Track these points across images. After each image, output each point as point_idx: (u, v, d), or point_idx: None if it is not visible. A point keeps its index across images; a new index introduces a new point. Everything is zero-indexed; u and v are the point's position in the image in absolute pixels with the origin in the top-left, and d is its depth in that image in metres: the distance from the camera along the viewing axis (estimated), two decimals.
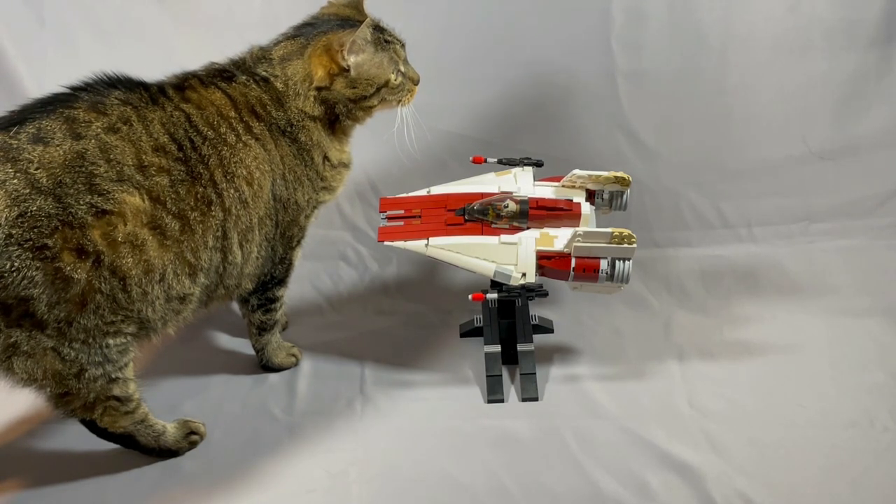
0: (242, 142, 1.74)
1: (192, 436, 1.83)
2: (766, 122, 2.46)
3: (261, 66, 1.82)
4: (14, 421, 1.92)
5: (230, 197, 1.72)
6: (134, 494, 1.73)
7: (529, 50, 2.41)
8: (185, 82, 1.77)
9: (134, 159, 1.62)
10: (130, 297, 1.62)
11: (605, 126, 2.46)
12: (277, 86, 1.80)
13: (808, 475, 1.71)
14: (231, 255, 1.75)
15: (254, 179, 1.75)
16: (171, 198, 1.64)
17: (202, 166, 1.69)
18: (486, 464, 1.76)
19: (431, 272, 2.37)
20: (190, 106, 1.72)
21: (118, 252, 1.58)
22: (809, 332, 2.08)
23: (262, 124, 1.78)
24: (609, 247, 1.78)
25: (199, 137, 1.70)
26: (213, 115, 1.73)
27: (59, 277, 1.54)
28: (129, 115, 1.65)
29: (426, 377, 2.01)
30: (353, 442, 1.83)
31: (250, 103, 1.78)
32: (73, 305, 1.57)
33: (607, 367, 2.00)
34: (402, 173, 2.45)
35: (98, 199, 1.57)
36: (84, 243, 1.55)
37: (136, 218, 1.60)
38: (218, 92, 1.77)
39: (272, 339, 2.00)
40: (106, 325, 1.62)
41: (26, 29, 2.37)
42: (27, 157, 1.54)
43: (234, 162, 1.73)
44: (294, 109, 1.81)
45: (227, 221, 1.72)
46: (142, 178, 1.61)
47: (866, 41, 2.40)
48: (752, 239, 2.42)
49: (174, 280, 1.66)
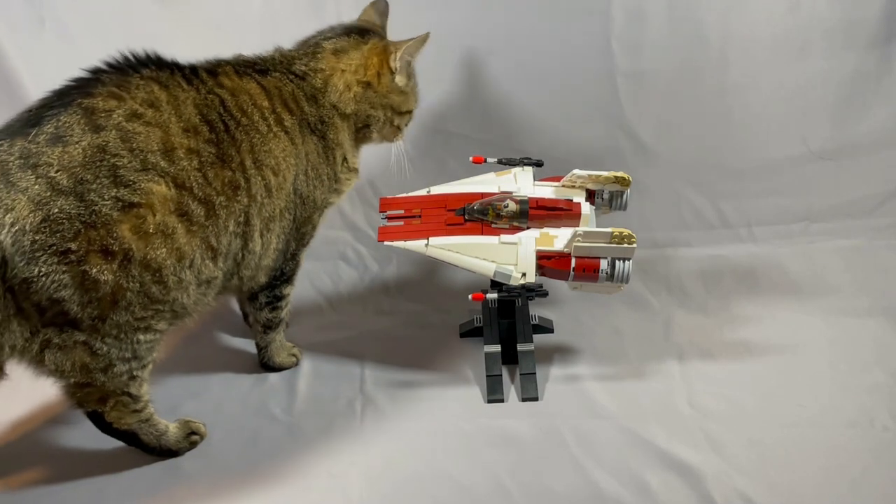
0: (273, 132, 1.76)
1: (192, 436, 1.83)
2: (766, 122, 2.46)
3: (298, 63, 1.84)
4: (14, 421, 1.92)
5: (257, 184, 1.73)
6: (134, 494, 1.73)
7: (529, 50, 2.41)
8: (217, 68, 1.78)
9: (160, 144, 1.61)
10: (167, 286, 1.62)
11: (605, 126, 2.46)
12: (315, 82, 1.84)
13: (808, 475, 1.71)
14: (252, 243, 1.76)
15: (280, 171, 1.77)
16: (197, 182, 1.64)
17: (233, 149, 1.70)
18: (486, 464, 1.76)
19: (431, 272, 2.37)
20: (224, 91, 1.73)
21: (151, 244, 1.58)
22: (809, 332, 2.08)
23: (293, 118, 1.80)
24: (609, 247, 1.78)
25: (232, 121, 1.71)
26: (247, 103, 1.74)
27: (86, 280, 1.54)
28: (157, 95, 1.64)
29: (426, 377, 2.01)
30: (352, 442, 1.83)
31: (284, 97, 1.80)
32: (105, 304, 1.58)
33: (607, 367, 2.00)
34: (402, 173, 2.45)
35: (124, 192, 1.56)
36: (109, 243, 1.55)
37: (164, 206, 1.59)
38: (252, 82, 1.78)
39: (276, 338, 2.01)
40: (137, 320, 1.62)
41: (26, 29, 2.36)
42: (47, 160, 1.53)
43: (263, 150, 1.74)
44: (327, 105, 1.85)
45: (251, 208, 1.72)
46: (167, 164, 1.60)
47: (866, 41, 2.40)
48: (752, 239, 2.43)
49: (202, 265, 1.67)
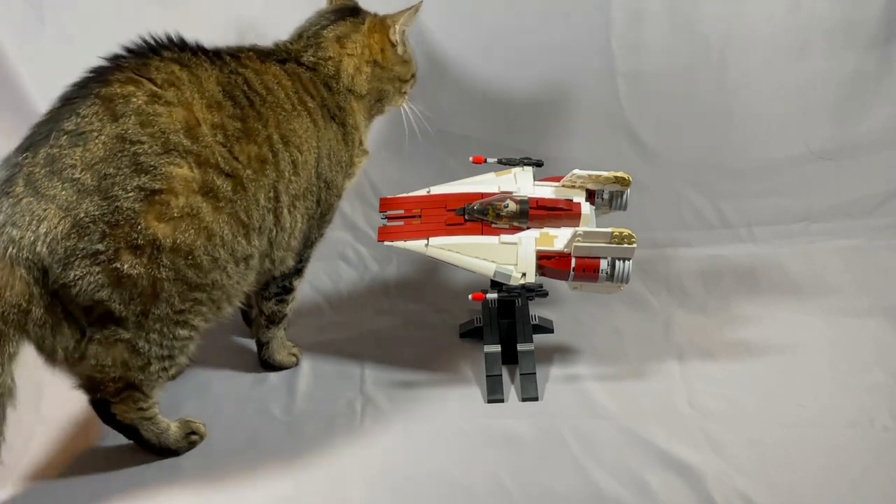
0: (297, 111, 1.78)
1: (191, 436, 1.83)
2: (765, 122, 2.46)
3: (306, 55, 1.86)
4: (12, 420, 1.92)
5: (284, 160, 1.74)
6: (134, 494, 1.73)
7: (529, 50, 2.41)
8: (240, 53, 1.80)
9: (182, 122, 1.60)
10: (202, 268, 1.62)
11: (605, 126, 2.46)
12: (328, 71, 1.86)
13: (808, 475, 1.71)
14: (283, 220, 1.76)
15: (303, 150, 1.78)
16: (223, 157, 1.64)
17: (259, 124, 1.71)
18: (486, 464, 1.76)
19: (431, 272, 2.37)
20: (248, 71, 1.75)
21: (178, 228, 1.58)
22: (809, 332, 2.08)
23: (314, 102, 1.83)
24: (609, 247, 1.78)
25: (257, 97, 1.73)
26: (272, 82, 1.77)
27: (121, 277, 1.55)
28: (178, 75, 1.65)
29: (426, 377, 2.01)
30: (352, 442, 1.83)
31: (304, 82, 1.83)
32: (146, 297, 1.59)
33: (607, 367, 2.00)
34: (402, 173, 2.45)
35: (145, 180, 1.55)
36: (134, 238, 1.54)
37: (188, 188, 1.59)
38: (275, 65, 1.81)
39: (278, 334, 2.01)
40: (177, 313, 1.63)
41: (26, 29, 2.36)
42: (70, 162, 1.53)
43: (289, 128, 1.75)
44: (342, 91, 1.87)
45: (279, 183, 1.73)
46: (190, 142, 1.60)
47: (866, 41, 2.40)
48: (752, 239, 2.43)
49: (234, 241, 1.67)
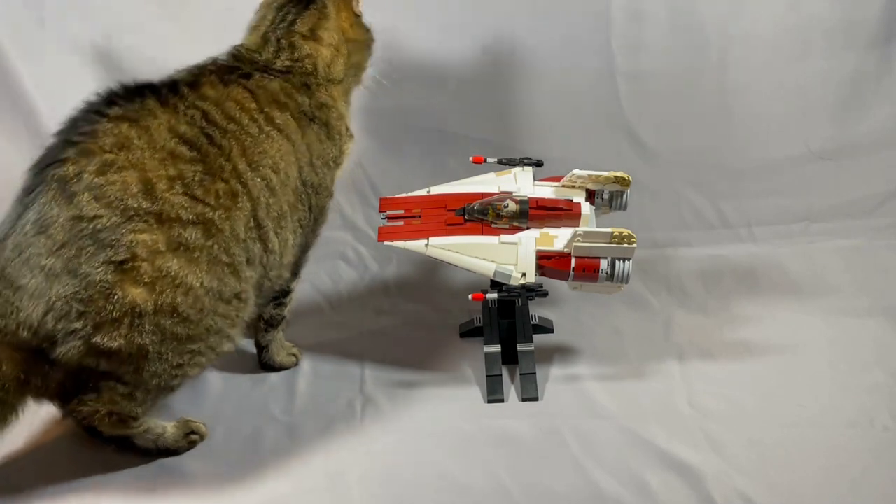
0: (265, 132, 1.72)
1: (191, 436, 1.82)
2: (765, 122, 2.46)
3: (280, 59, 1.81)
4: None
5: (257, 186, 1.70)
6: (133, 494, 1.72)
7: (529, 49, 2.41)
8: (200, 78, 1.74)
9: (138, 184, 1.56)
10: (190, 321, 1.61)
11: (605, 126, 2.46)
12: (305, 69, 1.81)
13: (808, 475, 1.71)
14: (270, 244, 1.73)
15: (280, 168, 1.73)
16: (185, 207, 1.59)
17: (223, 159, 1.66)
18: (487, 464, 1.76)
19: (431, 272, 2.37)
20: (207, 102, 1.70)
21: (155, 290, 1.56)
22: (809, 332, 2.08)
23: (285, 114, 1.77)
24: (609, 247, 1.78)
25: (217, 131, 1.67)
26: (234, 108, 1.71)
27: (103, 348, 1.56)
28: (127, 134, 1.60)
29: (426, 377, 2.01)
30: (352, 442, 1.83)
31: (272, 96, 1.76)
32: (138, 360, 1.59)
33: (607, 367, 2.00)
34: (402, 173, 2.45)
35: (110, 253, 1.53)
36: (111, 310, 1.54)
37: (153, 251, 1.56)
38: (238, 87, 1.74)
39: (277, 337, 2.00)
40: (174, 367, 1.64)
41: (26, 29, 2.37)
42: (36, 251, 1.53)
43: (258, 152, 1.70)
44: (322, 83, 1.83)
45: (257, 210, 1.70)
46: (149, 203, 1.56)
47: (866, 41, 2.41)
48: (752, 239, 2.43)
49: (220, 285, 1.64)
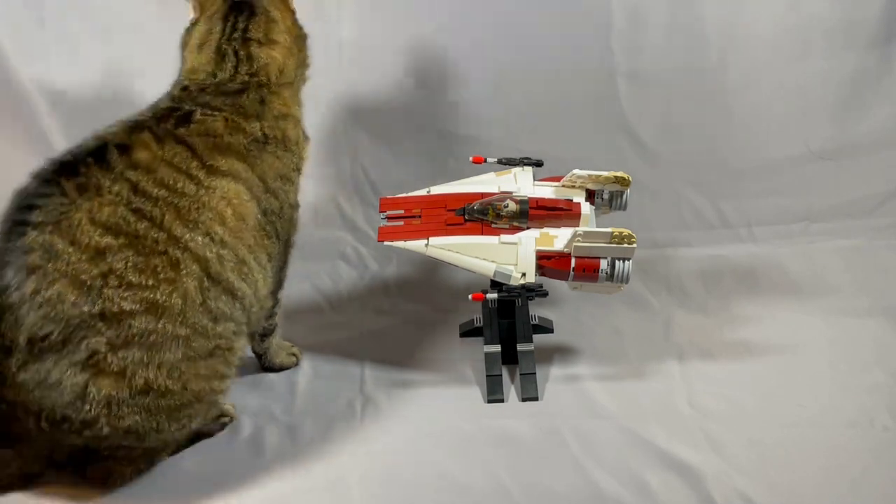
0: (205, 186, 1.62)
1: (222, 418, 1.83)
2: (766, 122, 2.46)
3: (240, 74, 1.73)
4: None
5: (200, 245, 1.60)
6: (132, 494, 1.72)
7: (529, 50, 2.41)
8: (133, 136, 1.63)
9: (73, 292, 1.52)
10: (173, 392, 1.61)
11: (605, 126, 2.46)
12: (261, 81, 1.74)
13: (808, 475, 1.71)
14: (238, 292, 1.67)
15: (226, 217, 1.64)
16: (125, 298, 1.54)
17: (155, 231, 1.57)
18: (487, 464, 1.76)
19: (431, 272, 2.37)
20: (137, 172, 1.59)
21: (126, 376, 1.56)
22: (809, 332, 2.08)
23: (230, 158, 1.67)
24: (609, 247, 1.78)
25: (147, 202, 1.58)
26: (167, 174, 1.61)
27: (99, 437, 1.60)
28: (50, 242, 1.53)
29: (426, 377, 2.01)
30: (352, 441, 1.83)
31: (214, 140, 1.67)
32: (134, 436, 1.62)
33: (607, 367, 2.00)
34: (402, 173, 2.45)
35: (73, 357, 1.53)
36: (89, 409, 1.55)
37: (112, 345, 1.54)
38: (172, 143, 1.64)
39: (273, 342, 2.00)
40: (178, 429, 1.67)
41: (26, 29, 2.37)
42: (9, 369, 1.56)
43: (195, 209, 1.61)
44: (276, 93, 1.76)
45: (208, 269, 1.61)
46: (89, 306, 1.52)
47: (866, 41, 2.40)
48: (752, 239, 2.43)
49: (190, 350, 1.61)
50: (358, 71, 2.45)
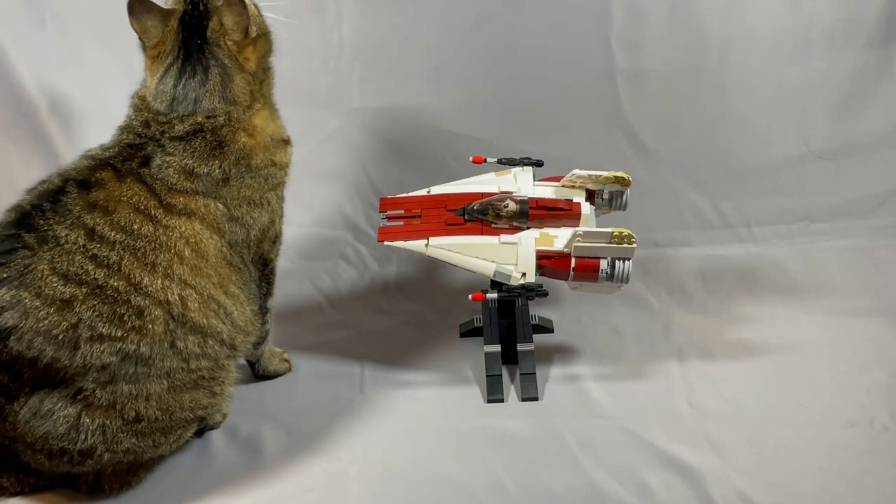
0: (163, 226, 1.60)
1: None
2: (766, 122, 2.46)
3: (191, 121, 1.65)
4: None
5: (160, 288, 1.58)
6: (132, 494, 1.73)
7: (529, 50, 2.41)
8: (94, 175, 1.61)
9: (49, 347, 1.53)
10: (160, 420, 1.64)
11: (605, 126, 2.46)
12: (218, 121, 1.65)
13: (808, 475, 1.71)
14: (209, 329, 1.65)
15: (185, 257, 1.61)
16: (103, 351, 1.54)
17: (114, 279, 1.55)
18: (486, 463, 1.76)
19: (431, 272, 2.37)
20: (94, 214, 1.57)
21: (116, 408, 1.58)
22: (809, 332, 2.07)
23: (188, 197, 1.63)
24: (609, 247, 1.78)
25: (104, 247, 1.56)
26: (126, 216, 1.58)
27: (102, 463, 1.64)
28: (19, 298, 1.52)
29: (426, 377, 2.01)
30: (352, 441, 1.83)
31: (170, 183, 1.62)
32: (133, 455, 1.66)
33: (607, 367, 2.00)
34: (402, 173, 2.45)
35: (63, 391, 1.55)
36: (84, 438, 1.58)
37: (97, 383, 1.56)
38: (132, 182, 1.61)
39: (265, 350, 1.98)
40: (175, 441, 1.70)
41: (26, 29, 2.37)
42: None
43: (150, 251, 1.58)
44: (240, 131, 1.67)
45: (171, 311, 1.59)
46: (68, 361, 1.53)
47: (866, 41, 2.40)
48: (752, 239, 2.42)
49: (173, 382, 1.63)
50: (358, 70, 2.45)
